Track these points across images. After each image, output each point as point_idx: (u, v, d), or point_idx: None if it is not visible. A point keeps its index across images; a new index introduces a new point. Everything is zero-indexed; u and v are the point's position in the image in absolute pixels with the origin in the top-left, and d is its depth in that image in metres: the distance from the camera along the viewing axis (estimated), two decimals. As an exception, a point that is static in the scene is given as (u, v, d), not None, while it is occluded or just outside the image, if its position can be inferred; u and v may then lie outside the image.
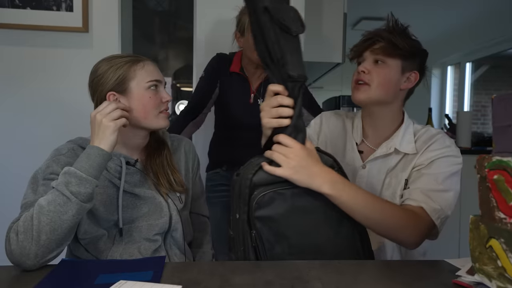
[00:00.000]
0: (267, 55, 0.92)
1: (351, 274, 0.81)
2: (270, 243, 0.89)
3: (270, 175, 0.89)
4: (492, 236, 0.66)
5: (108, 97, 1.05)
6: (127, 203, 1.05)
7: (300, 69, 0.92)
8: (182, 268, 0.85)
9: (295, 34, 0.92)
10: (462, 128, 2.87)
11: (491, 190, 0.66)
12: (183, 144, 1.24)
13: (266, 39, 0.90)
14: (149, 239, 1.07)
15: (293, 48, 0.92)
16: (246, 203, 0.89)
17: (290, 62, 0.90)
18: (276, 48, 0.90)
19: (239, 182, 0.91)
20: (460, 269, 0.81)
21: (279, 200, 0.89)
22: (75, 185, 0.87)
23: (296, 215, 0.90)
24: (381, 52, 1.08)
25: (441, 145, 1.08)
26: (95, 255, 1.04)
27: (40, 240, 0.84)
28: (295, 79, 0.91)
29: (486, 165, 0.67)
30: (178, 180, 1.14)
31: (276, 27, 0.89)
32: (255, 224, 0.88)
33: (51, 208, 0.85)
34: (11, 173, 1.82)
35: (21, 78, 1.87)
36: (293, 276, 0.78)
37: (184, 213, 1.17)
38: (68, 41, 1.88)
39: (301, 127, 0.92)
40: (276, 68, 0.91)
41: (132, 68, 1.06)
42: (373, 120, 1.17)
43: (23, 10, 1.83)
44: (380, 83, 1.09)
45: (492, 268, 0.67)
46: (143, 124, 1.08)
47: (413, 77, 1.12)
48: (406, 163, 1.10)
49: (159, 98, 1.08)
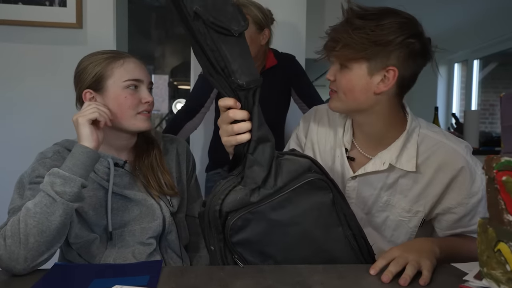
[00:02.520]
0: (210, 67, 0.84)
1: (354, 279, 0.81)
2: (256, 263, 0.87)
3: (238, 199, 0.84)
4: (501, 240, 0.66)
5: (84, 95, 1.05)
6: (117, 206, 1.05)
7: (250, 74, 0.84)
8: (179, 272, 0.85)
9: (238, 34, 0.83)
10: (469, 127, 2.87)
11: (499, 192, 0.66)
12: (176, 145, 1.23)
13: (204, 49, 0.82)
14: (143, 243, 1.07)
15: (238, 51, 0.84)
16: (220, 231, 0.86)
17: (236, 70, 0.82)
18: (217, 57, 0.82)
19: (207, 215, 0.86)
20: (467, 273, 0.81)
21: (254, 220, 0.85)
22: (59, 185, 0.88)
23: (275, 231, 0.86)
24: (341, 56, 0.95)
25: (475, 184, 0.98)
26: (87, 260, 1.04)
27: (29, 243, 0.84)
28: (245, 87, 0.83)
29: (494, 166, 0.67)
30: (169, 182, 1.13)
31: (213, 32, 0.80)
32: (235, 249, 0.85)
33: (38, 210, 0.86)
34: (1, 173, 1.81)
35: (12, 76, 1.87)
36: (294, 281, 0.78)
37: (179, 216, 1.17)
38: (61, 38, 1.88)
39: (265, 137, 0.86)
40: (222, 79, 0.84)
41: (110, 65, 1.05)
42: (361, 127, 1.06)
43: (15, 5, 1.83)
44: (344, 91, 0.97)
45: (500, 272, 0.67)
46: (120, 126, 1.06)
47: (391, 75, 0.94)
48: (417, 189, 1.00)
49: (137, 99, 1.06)
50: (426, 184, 0.99)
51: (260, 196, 0.85)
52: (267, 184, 0.86)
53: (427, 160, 0.99)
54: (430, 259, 0.84)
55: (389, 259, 0.83)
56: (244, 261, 0.86)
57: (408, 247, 0.87)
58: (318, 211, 0.88)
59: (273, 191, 0.86)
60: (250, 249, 0.86)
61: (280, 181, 0.86)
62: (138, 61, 1.10)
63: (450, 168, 0.97)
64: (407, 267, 0.81)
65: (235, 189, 0.85)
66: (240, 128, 0.84)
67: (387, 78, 0.95)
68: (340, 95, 0.98)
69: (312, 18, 2.34)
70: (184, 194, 1.21)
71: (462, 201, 0.98)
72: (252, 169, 0.85)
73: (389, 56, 0.93)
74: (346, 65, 0.96)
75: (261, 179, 0.85)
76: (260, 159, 0.86)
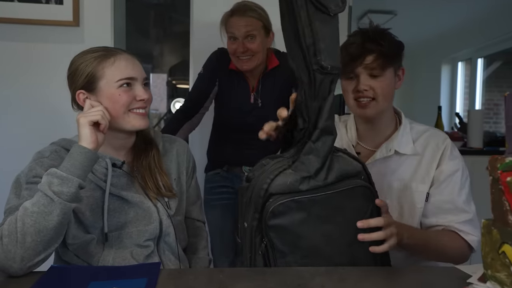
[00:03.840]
0: (294, 39, 0.83)
1: (355, 281, 0.81)
2: (282, 253, 0.87)
3: (288, 183, 0.85)
4: (505, 242, 0.66)
5: (78, 96, 1.06)
6: (114, 207, 1.05)
7: (335, 59, 0.83)
8: (177, 274, 0.85)
9: (334, 14, 0.83)
10: (473, 127, 2.86)
11: (504, 193, 0.66)
12: (176, 146, 1.23)
13: (296, 19, 0.80)
14: (140, 245, 1.07)
15: (329, 32, 0.83)
16: (258, 211, 0.86)
17: (324, 50, 0.81)
18: (307, 32, 0.80)
19: (251, 191, 0.87)
20: (471, 276, 0.81)
21: (295, 208, 0.85)
22: (57, 185, 0.88)
23: (311, 224, 0.87)
24: (376, 66, 1.10)
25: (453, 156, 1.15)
26: (85, 260, 1.04)
27: (26, 242, 0.85)
28: (327, 71, 0.81)
29: (498, 167, 0.67)
30: (166, 184, 1.13)
31: (311, 5, 0.80)
32: (268, 233, 0.86)
33: (35, 209, 0.86)
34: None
35: (8, 74, 1.87)
36: (296, 284, 0.78)
37: (177, 219, 1.16)
38: (58, 36, 1.88)
39: (329, 129, 0.87)
40: (302, 56, 0.82)
41: (101, 65, 1.04)
42: (371, 125, 1.20)
43: (11, 3, 1.83)
44: (384, 95, 1.12)
45: (505, 275, 0.67)
46: (116, 125, 1.06)
47: (401, 73, 1.18)
48: (416, 169, 1.15)
49: (131, 96, 1.05)
50: (424, 162, 1.15)
51: (310, 186, 0.86)
52: (318, 176, 0.87)
53: (420, 143, 1.17)
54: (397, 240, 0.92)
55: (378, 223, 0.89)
56: (272, 246, 0.86)
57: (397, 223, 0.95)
58: (356, 216, 0.90)
59: (323, 184, 0.87)
60: (282, 236, 0.86)
61: (331, 176, 0.89)
62: (130, 57, 1.08)
63: (439, 145, 1.16)
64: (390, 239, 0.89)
65: (285, 172, 0.86)
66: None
67: (399, 76, 1.18)
68: (379, 99, 1.12)
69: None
70: (183, 196, 1.20)
71: (442, 168, 1.13)
72: (308, 157, 0.86)
73: (400, 59, 1.16)
74: (380, 73, 1.11)
75: (315, 169, 0.86)
76: (319, 149, 0.86)
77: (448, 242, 1.08)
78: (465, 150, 2.82)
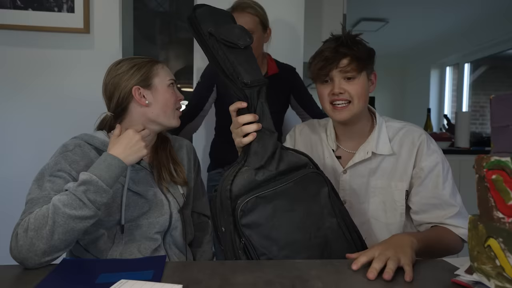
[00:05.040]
0: (222, 73, 0.98)
1: (350, 273, 0.81)
2: (262, 248, 0.90)
3: (247, 182, 0.92)
4: (491, 236, 0.66)
5: (134, 91, 1.08)
6: (129, 202, 1.06)
7: (253, 74, 0.97)
8: (182, 267, 0.85)
9: (244, 47, 0.98)
10: (461, 128, 2.87)
11: (489, 190, 0.67)
12: (185, 144, 1.27)
13: (217, 59, 0.98)
14: (149, 238, 1.07)
15: (244, 58, 0.99)
16: (230, 213, 0.90)
17: (242, 71, 0.96)
18: (227, 64, 0.97)
19: (219, 196, 0.93)
20: (458, 268, 0.81)
21: (262, 203, 0.91)
22: (92, 192, 0.89)
23: (279, 215, 0.92)
24: (350, 69, 1.08)
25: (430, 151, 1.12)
26: (95, 255, 1.04)
27: (53, 239, 0.85)
28: (250, 85, 0.96)
29: (484, 165, 0.67)
30: (180, 170, 1.16)
31: (223, 46, 0.97)
32: (243, 232, 0.89)
33: (67, 211, 0.86)
34: (14, 174, 1.82)
35: (22, 79, 1.87)
36: (293, 276, 0.78)
37: (186, 212, 1.18)
38: (70, 42, 1.88)
39: (269, 128, 0.98)
40: (233, 82, 0.97)
41: (154, 66, 1.12)
42: (347, 128, 1.18)
43: (25, 11, 1.83)
44: (359, 98, 1.10)
45: (490, 267, 0.67)
46: (161, 120, 1.11)
47: (373, 77, 1.16)
48: (394, 168, 1.13)
49: (174, 96, 1.14)
50: (401, 161, 1.13)
51: (265, 176, 0.95)
52: (270, 166, 0.96)
53: (396, 142, 1.15)
54: (408, 253, 0.85)
55: (370, 256, 0.84)
56: (250, 244, 0.89)
57: (387, 244, 0.87)
58: (315, 201, 0.97)
59: (276, 173, 0.96)
60: (256, 232, 0.90)
61: (282, 166, 0.98)
62: (166, 65, 1.17)
63: (414, 141, 1.13)
64: (388, 262, 0.81)
65: (240, 171, 0.94)
66: (248, 129, 0.97)
67: (372, 80, 1.16)
68: (354, 102, 1.10)
69: (310, 23, 2.34)
70: (191, 192, 1.22)
71: (421, 165, 1.11)
72: (256, 151, 0.96)
73: (372, 63, 1.14)
74: (354, 76, 1.10)
75: (264, 160, 0.95)
76: (264, 146, 0.97)
77: (447, 239, 1.05)
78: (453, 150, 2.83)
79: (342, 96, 1.10)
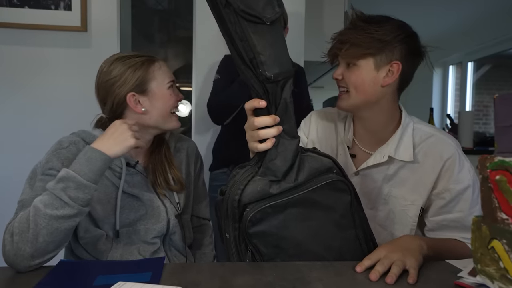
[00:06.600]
0: (237, 58, 0.79)
1: (351, 275, 0.81)
2: (268, 256, 0.86)
3: (259, 194, 0.82)
4: (494, 237, 0.66)
5: (129, 98, 1.04)
6: (124, 204, 1.05)
7: (279, 65, 0.78)
8: (181, 269, 0.85)
9: (270, 22, 0.76)
10: (464, 128, 2.87)
11: (493, 191, 0.66)
12: (187, 146, 1.23)
13: (233, 38, 0.76)
14: (148, 242, 1.07)
15: (269, 41, 0.77)
16: (236, 221, 0.84)
17: (264, 61, 0.76)
18: (246, 47, 0.76)
19: (226, 203, 0.84)
20: (462, 270, 0.81)
21: (272, 213, 0.83)
22: (73, 189, 0.85)
23: (291, 225, 0.85)
24: (349, 55, 1.00)
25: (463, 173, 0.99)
26: (94, 256, 1.04)
27: (37, 242, 0.83)
28: (272, 80, 0.78)
29: (488, 166, 0.66)
30: (176, 177, 1.12)
31: (243, 20, 0.74)
32: (250, 241, 0.84)
33: (48, 211, 0.83)
34: (12, 174, 1.81)
35: (19, 77, 1.87)
36: (294, 278, 0.78)
37: (184, 217, 1.16)
38: (67, 41, 1.88)
39: (290, 132, 0.84)
40: (250, 71, 0.78)
41: (150, 69, 1.06)
42: (364, 123, 1.09)
43: (21, 9, 1.83)
44: (355, 86, 1.01)
45: (494, 269, 0.67)
46: (159, 125, 1.08)
47: (395, 68, 1.00)
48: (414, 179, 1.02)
49: (174, 97, 1.10)
50: (423, 173, 1.02)
51: (281, 188, 0.83)
52: (288, 177, 0.84)
53: (422, 150, 1.03)
54: (415, 256, 0.83)
55: (374, 259, 0.82)
56: (258, 252, 0.85)
57: (394, 246, 0.85)
58: (335, 211, 0.88)
59: (294, 185, 0.84)
60: (265, 241, 0.84)
61: (302, 176, 0.85)
62: (165, 62, 1.12)
63: (442, 155, 1.00)
64: (392, 266, 0.80)
65: (254, 179, 0.83)
66: (265, 134, 0.82)
67: (391, 71, 1.01)
68: (351, 91, 1.02)
69: (311, 22, 2.33)
70: (190, 196, 1.20)
71: (449, 187, 1.00)
72: (273, 162, 0.83)
73: (393, 52, 1.00)
74: (354, 62, 1.01)
75: (282, 174, 0.83)
76: (283, 155, 0.83)
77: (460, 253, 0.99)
78: (456, 149, 2.82)
79: (340, 82, 1.05)
